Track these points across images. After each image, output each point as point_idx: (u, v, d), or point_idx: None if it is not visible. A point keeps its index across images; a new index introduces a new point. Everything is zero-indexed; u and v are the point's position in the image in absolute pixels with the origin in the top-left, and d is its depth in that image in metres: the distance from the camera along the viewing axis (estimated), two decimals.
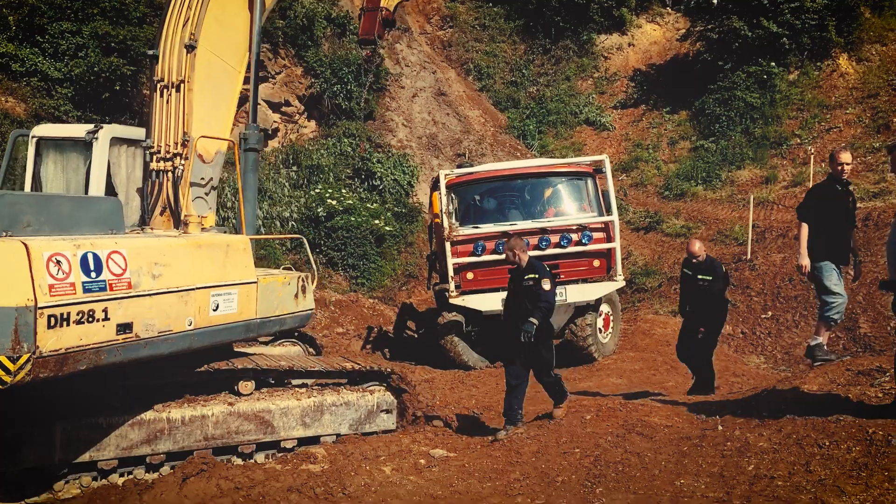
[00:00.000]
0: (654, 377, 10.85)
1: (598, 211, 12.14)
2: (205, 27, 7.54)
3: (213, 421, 6.77)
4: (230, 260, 6.75)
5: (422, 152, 23.64)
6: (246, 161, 8.44)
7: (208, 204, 7.87)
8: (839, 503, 4.56)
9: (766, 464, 5.44)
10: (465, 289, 11.80)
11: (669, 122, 25.45)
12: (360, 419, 7.53)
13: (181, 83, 7.39)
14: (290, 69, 23.65)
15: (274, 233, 18.25)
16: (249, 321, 7.02)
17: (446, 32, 30.56)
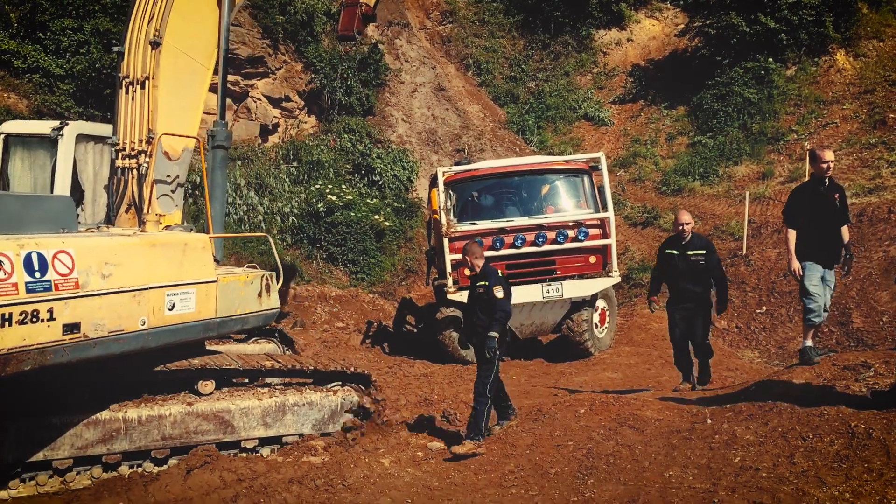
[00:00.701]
0: (650, 371, 11.03)
1: (594, 207, 12.33)
2: (171, 23, 7.53)
3: (171, 421, 6.69)
4: (188, 259, 6.69)
5: (421, 147, 23.78)
6: (214, 158, 8.43)
7: (175, 201, 7.84)
8: (820, 494, 4.74)
9: (751, 456, 5.62)
10: (463, 284, 11.99)
11: (667, 117, 25.57)
12: (324, 419, 7.41)
13: (146, 80, 7.36)
14: (290, 65, 23.77)
15: (275, 228, 18.42)
16: (209, 320, 6.95)
17: (445, 28, 30.64)
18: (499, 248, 11.85)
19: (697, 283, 8.46)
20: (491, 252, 11.77)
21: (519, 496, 5.70)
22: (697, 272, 8.41)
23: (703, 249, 8.44)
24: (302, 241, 18.71)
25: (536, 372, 11.55)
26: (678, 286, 8.60)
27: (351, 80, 23.49)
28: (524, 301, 11.67)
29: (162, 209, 7.56)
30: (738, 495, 4.99)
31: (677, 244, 8.57)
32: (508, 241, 11.85)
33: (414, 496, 5.90)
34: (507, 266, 11.79)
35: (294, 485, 6.16)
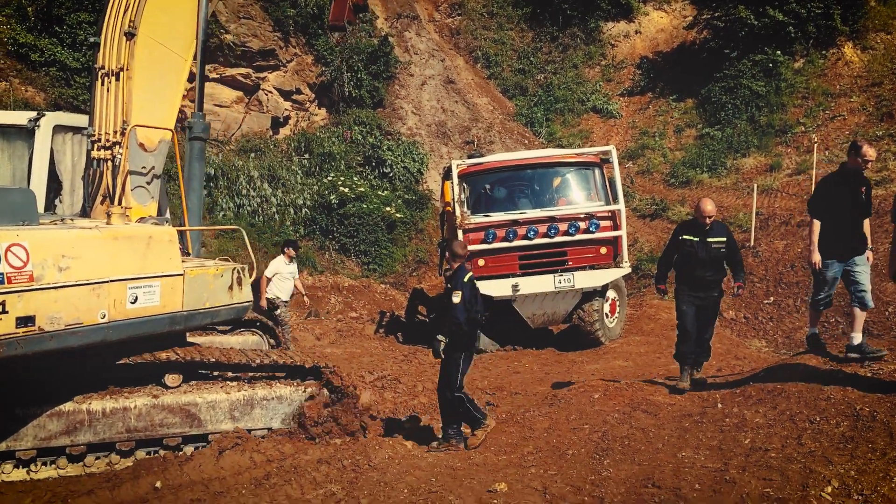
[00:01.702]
0: (659, 360, 11.25)
1: (605, 200, 12.57)
2: (146, 14, 7.42)
3: (136, 413, 6.65)
4: (152, 252, 6.63)
5: (431, 140, 24.01)
6: (191, 150, 8.41)
7: (150, 193, 7.74)
8: (826, 472, 4.99)
9: (761, 437, 5.87)
10: (477, 275, 12.22)
11: (676, 109, 25.75)
12: (294, 414, 7.31)
13: (121, 71, 7.27)
14: (301, 57, 24.01)
15: (288, 220, 18.68)
16: (175, 314, 6.87)
17: (455, 20, 30.83)
18: (512, 239, 12.07)
19: (716, 272, 8.06)
20: (504, 243, 12.04)
21: (538, 475, 5.97)
22: (717, 260, 8.00)
23: (723, 236, 8.00)
24: (315, 232, 18.98)
25: (549, 360, 11.79)
26: (695, 274, 8.08)
27: (361, 72, 23.73)
28: (536, 291, 11.92)
29: (137, 201, 7.48)
30: (748, 474, 5.24)
31: (697, 231, 8.01)
32: (521, 232, 12.07)
33: (437, 475, 6.17)
34: (520, 257, 12.06)
35: (322, 465, 6.43)
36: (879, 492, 4.63)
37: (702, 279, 8.08)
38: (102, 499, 5.88)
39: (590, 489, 5.55)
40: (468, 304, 6.80)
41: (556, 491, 5.59)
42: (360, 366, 11.17)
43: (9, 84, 17.48)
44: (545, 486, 5.71)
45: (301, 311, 15.83)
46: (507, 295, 11.96)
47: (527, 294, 11.98)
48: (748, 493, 4.97)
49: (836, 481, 4.83)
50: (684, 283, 8.28)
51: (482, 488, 5.77)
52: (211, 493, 5.99)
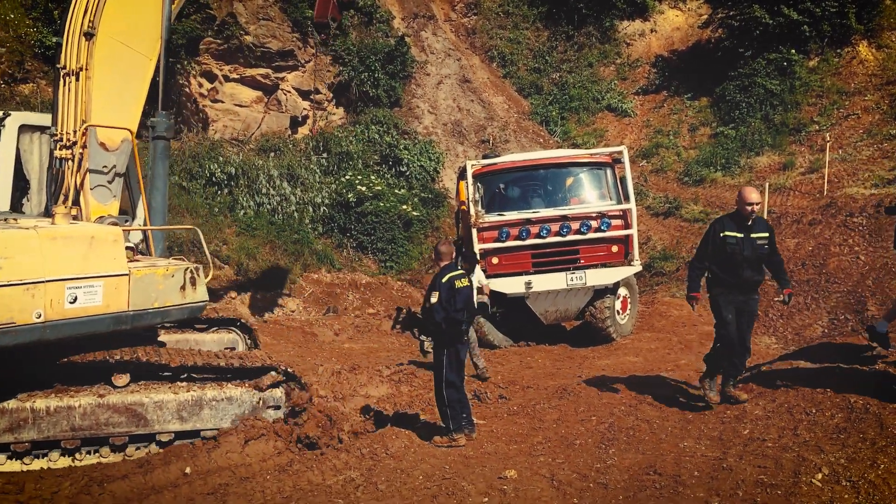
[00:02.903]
0: (669, 356, 11.52)
1: (616, 199, 12.83)
2: (108, 14, 7.46)
3: (81, 412, 6.67)
4: (94, 252, 6.62)
5: (447, 139, 24.32)
6: (155, 149, 8.37)
7: (112, 192, 7.77)
8: (818, 459, 5.28)
9: (759, 428, 6.18)
10: (491, 272, 12.53)
11: (690, 108, 25.87)
12: (245, 415, 7.31)
13: (80, 70, 7.34)
14: (319, 57, 24.38)
15: (307, 218, 19.07)
16: (120, 313, 6.85)
17: (470, 19, 31.08)
18: (525, 238, 12.36)
19: (758, 272, 7.30)
20: (517, 241, 12.36)
21: (546, 463, 6.29)
22: (760, 259, 7.22)
23: (766, 231, 7.25)
24: (333, 230, 19.37)
25: (561, 356, 12.09)
26: (738, 274, 7.17)
27: (378, 72, 24.05)
28: (549, 288, 12.24)
29: (97, 200, 7.54)
30: (744, 461, 5.55)
31: (740, 226, 7.15)
32: (534, 231, 12.35)
33: (451, 463, 6.51)
34: (533, 255, 12.36)
35: (342, 453, 6.80)
36: (867, 478, 4.92)
37: (746, 281, 7.22)
38: (136, 483, 6.28)
39: (595, 476, 5.87)
40: (445, 304, 6.93)
41: (562, 478, 5.91)
42: (378, 360, 11.52)
43: (36, 85, 17.98)
44: (553, 473, 6.03)
45: (320, 308, 16.23)
46: (521, 292, 12.26)
47: (539, 291, 12.28)
48: (743, 479, 5.27)
49: (827, 469, 5.12)
50: (725, 287, 7.34)
51: (493, 475, 6.11)
52: (238, 479, 6.37)
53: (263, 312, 15.04)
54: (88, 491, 6.05)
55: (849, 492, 4.81)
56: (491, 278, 12.48)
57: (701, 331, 13.21)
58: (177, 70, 20.25)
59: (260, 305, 15.29)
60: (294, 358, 11.33)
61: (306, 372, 9.98)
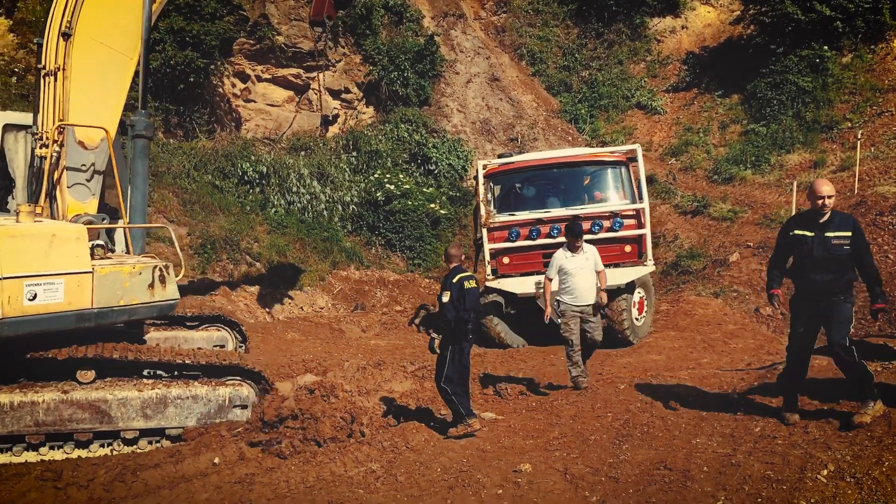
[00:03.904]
0: (692, 354, 11.59)
1: (630, 198, 12.70)
2: (87, 15, 7.57)
3: (45, 408, 6.75)
4: (56, 250, 6.70)
5: (475, 137, 24.48)
6: (134, 148, 8.47)
7: (91, 190, 7.88)
8: (825, 457, 5.39)
9: (771, 426, 6.28)
10: (501, 272, 12.57)
11: (721, 105, 25.72)
12: (210, 413, 7.35)
13: (58, 70, 7.48)
14: (350, 57, 24.70)
15: (336, 216, 19.38)
16: (83, 311, 6.92)
17: (500, 18, 31.19)
18: (535, 237, 12.40)
19: (838, 276, 6.29)
20: (527, 241, 12.40)
21: (561, 458, 6.46)
22: (839, 260, 6.26)
23: (847, 230, 6.26)
24: (362, 228, 19.66)
25: None
26: (808, 278, 6.46)
27: (407, 71, 24.30)
28: None
29: (75, 198, 7.67)
30: (753, 458, 5.67)
31: (812, 223, 6.38)
32: (545, 231, 12.36)
33: (468, 457, 6.71)
34: (544, 255, 12.20)
35: (364, 446, 7.04)
36: (871, 475, 5.02)
37: (819, 286, 6.38)
38: (167, 472, 6.58)
39: (607, 470, 6.03)
40: (456, 303, 7.15)
41: (575, 472, 6.08)
42: (403, 357, 11.74)
43: None
44: (566, 467, 6.20)
45: (348, 305, 16.52)
46: (530, 292, 12.22)
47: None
48: (750, 475, 5.40)
49: (833, 465, 5.23)
50: (798, 292, 6.78)
51: (508, 468, 6.29)
52: (263, 469, 6.64)
53: (293, 309, 15.37)
54: (122, 479, 6.35)
55: (852, 488, 4.92)
56: (501, 278, 12.56)
57: (725, 330, 13.24)
58: (210, 71, 20.71)
59: (289, 302, 15.62)
60: (321, 354, 11.63)
61: (332, 367, 10.28)
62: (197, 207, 17.46)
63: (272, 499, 6.04)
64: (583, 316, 8.83)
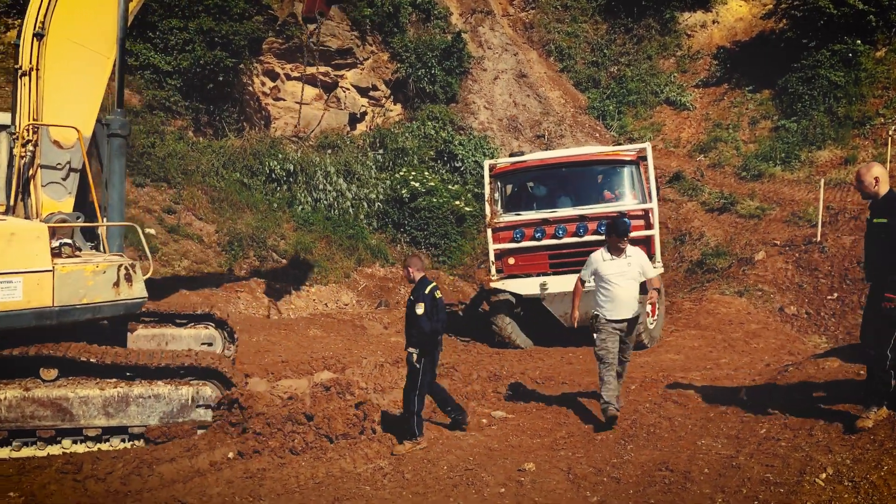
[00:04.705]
0: (711, 354, 11.54)
1: (641, 198, 12.37)
2: (61, 15, 7.60)
3: (6, 405, 6.81)
4: (14, 248, 6.76)
5: (502, 134, 24.52)
6: (111, 147, 8.45)
7: (67, 189, 7.92)
8: (825, 460, 5.40)
9: (776, 428, 6.29)
10: (507, 273, 12.44)
11: (751, 101, 25.41)
12: (173, 412, 7.32)
13: (31, 70, 7.52)
14: (378, 55, 24.87)
15: (361, 213, 19.56)
16: (43, 309, 6.93)
17: (528, 14, 31.15)
18: (540, 238, 12.21)
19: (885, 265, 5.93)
20: (532, 242, 12.27)
21: (566, 457, 6.54)
22: (884, 248, 5.92)
23: (885, 217, 5.95)
24: (387, 225, 19.82)
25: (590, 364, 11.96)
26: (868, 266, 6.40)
27: (435, 68, 24.41)
28: (565, 290, 11.66)
29: (50, 196, 7.71)
30: (754, 460, 5.70)
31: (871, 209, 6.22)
32: (550, 231, 12.16)
33: (476, 455, 6.82)
34: (550, 256, 12.21)
35: (374, 443, 7.18)
36: (869, 479, 5.02)
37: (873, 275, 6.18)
38: (182, 466, 6.77)
39: (609, 470, 6.09)
40: (430, 315, 7.09)
41: (579, 471, 6.15)
42: None
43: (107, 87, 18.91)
44: (570, 466, 6.28)
45: (372, 302, 16.70)
46: (535, 293, 12.11)
47: (555, 293, 12.04)
48: (750, 477, 5.43)
49: (832, 468, 5.24)
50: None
51: (513, 467, 6.39)
52: (275, 465, 6.80)
53: (316, 305, 15.58)
54: (139, 472, 6.55)
55: (849, 492, 4.92)
56: (507, 279, 12.40)
57: (747, 329, 13.16)
58: (240, 70, 21.02)
59: (313, 299, 15.84)
60: (341, 350, 11.80)
61: (351, 364, 10.46)
62: (225, 205, 17.76)
63: (282, 494, 6.21)
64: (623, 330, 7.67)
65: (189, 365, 7.42)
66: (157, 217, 16.28)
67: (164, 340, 9.28)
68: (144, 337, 9.19)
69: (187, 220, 16.87)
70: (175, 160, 17.89)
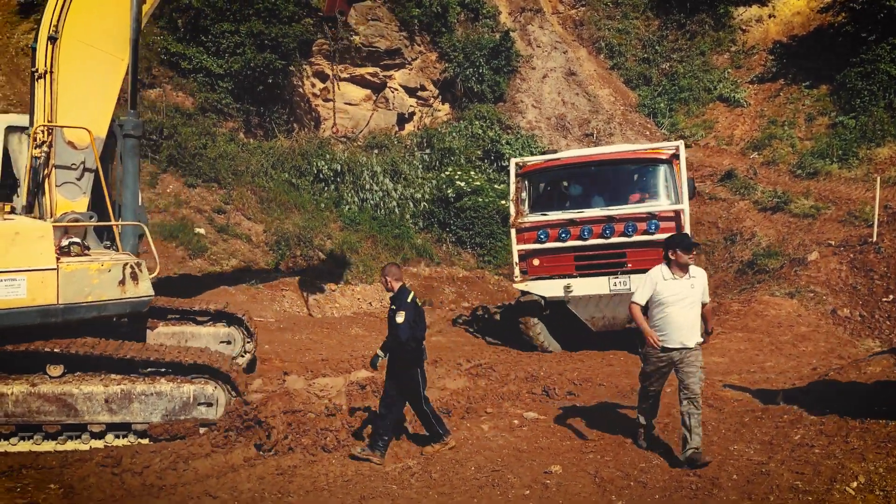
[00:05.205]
0: (757, 357, 11.28)
1: (673, 199, 11.73)
2: (75, 18, 7.79)
3: (14, 399, 6.95)
4: (18, 247, 6.91)
5: (550, 133, 24.36)
6: (124, 147, 8.63)
7: (81, 189, 8.10)
8: (857, 468, 5.24)
9: (811, 434, 6.13)
10: (531, 275, 12.11)
11: (808, 96, 24.71)
12: (175, 410, 7.37)
13: (46, 73, 7.76)
14: (426, 55, 24.98)
15: (407, 213, 19.68)
16: (48, 307, 7.08)
17: (578, 11, 30.87)
18: (565, 239, 11.82)
19: None
20: (556, 243, 11.88)
21: (594, 460, 6.48)
22: None
23: None
24: (432, 225, 19.90)
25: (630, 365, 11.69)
26: None
27: (483, 67, 24.38)
28: (590, 293, 11.64)
29: (64, 196, 7.92)
30: (785, 467, 5.56)
31: None
32: (575, 232, 11.78)
33: (504, 456, 6.81)
34: (576, 258, 11.84)
35: (404, 442, 7.25)
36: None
37: None
38: (217, 461, 6.93)
39: (637, 475, 6.02)
40: (412, 324, 6.94)
41: (605, 475, 6.09)
42: (462, 354, 11.89)
43: (162, 90, 19.44)
44: (597, 470, 6.23)
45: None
46: (559, 295, 11.79)
47: (580, 295, 11.72)
48: (779, 484, 5.30)
49: (864, 477, 5.09)
50: None
51: (540, 469, 6.37)
52: (306, 462, 6.91)
53: (360, 304, 15.73)
54: (175, 467, 6.73)
55: (880, 501, 4.77)
56: (530, 280, 12.09)
57: (797, 332, 12.81)
58: (290, 72, 21.36)
59: (358, 297, 16.00)
60: None
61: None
62: (273, 205, 18.07)
63: (311, 491, 6.30)
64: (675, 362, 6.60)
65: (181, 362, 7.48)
66: (207, 217, 16.66)
67: (183, 338, 9.44)
68: (165, 334, 9.36)
69: (236, 219, 17.23)
70: (226, 161, 18.28)
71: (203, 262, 15.21)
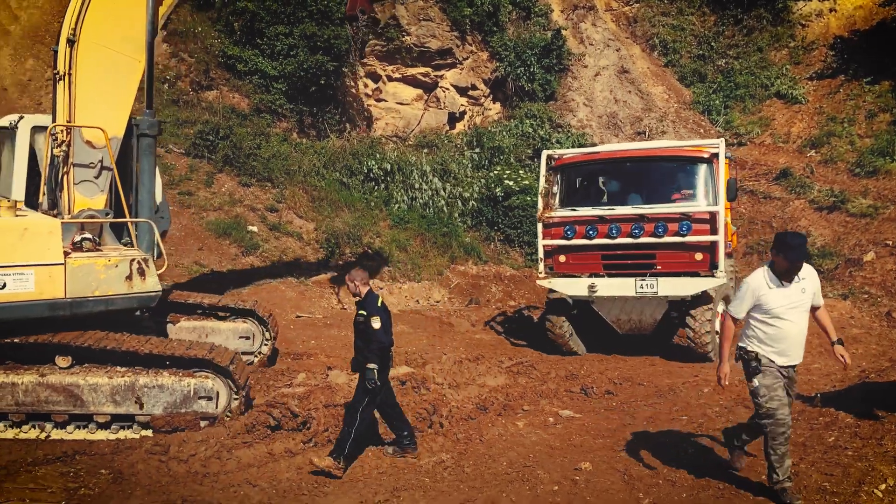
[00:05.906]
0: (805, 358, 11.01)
1: (711, 200, 11.09)
2: (93, 21, 8.03)
3: (23, 389, 7.13)
4: (26, 242, 7.11)
5: (601, 131, 24.21)
6: (140, 146, 8.79)
7: (99, 187, 8.33)
8: (887, 470, 5.20)
9: (845, 437, 6.08)
10: (558, 271, 11.78)
11: (869, 93, 24.01)
12: (176, 403, 7.48)
13: (66, 75, 8.01)
14: (477, 54, 25.07)
15: (456, 212, 19.84)
16: (56, 300, 7.30)
17: (632, 8, 30.54)
18: (592, 237, 11.40)
19: None
20: (583, 240, 11.47)
21: (624, 458, 6.53)
22: None
23: None
24: (481, 223, 20.01)
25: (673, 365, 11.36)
26: None
27: (534, 66, 24.38)
28: (615, 294, 11.25)
29: (83, 194, 8.17)
30: (815, 468, 5.54)
31: None
32: (603, 230, 11.32)
33: (536, 453, 6.90)
34: (603, 256, 11.45)
35: (440, 437, 7.39)
36: None
37: None
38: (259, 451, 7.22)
39: (666, 473, 6.06)
40: (386, 328, 6.78)
41: (635, 472, 6.15)
42: (504, 352, 12.01)
43: (219, 92, 20.02)
44: (627, 467, 6.28)
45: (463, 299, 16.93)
46: (583, 295, 11.42)
47: (605, 296, 11.34)
48: (807, 485, 5.30)
49: (892, 479, 5.06)
50: None
51: (570, 466, 6.45)
52: None
53: (408, 302, 15.96)
54: (219, 456, 7.01)
55: None
56: (554, 277, 11.75)
57: (848, 334, 12.51)
58: (342, 73, 21.73)
59: (406, 295, 16.22)
60: (425, 347, 12.07)
61: (431, 360, 10.70)
62: (324, 204, 18.43)
63: (346, 482, 6.50)
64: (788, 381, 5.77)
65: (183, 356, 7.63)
66: (259, 215, 17.11)
67: (204, 332, 9.70)
68: (186, 329, 9.65)
69: (288, 217, 17.63)
70: (279, 161, 18.72)
71: (255, 259, 15.63)
